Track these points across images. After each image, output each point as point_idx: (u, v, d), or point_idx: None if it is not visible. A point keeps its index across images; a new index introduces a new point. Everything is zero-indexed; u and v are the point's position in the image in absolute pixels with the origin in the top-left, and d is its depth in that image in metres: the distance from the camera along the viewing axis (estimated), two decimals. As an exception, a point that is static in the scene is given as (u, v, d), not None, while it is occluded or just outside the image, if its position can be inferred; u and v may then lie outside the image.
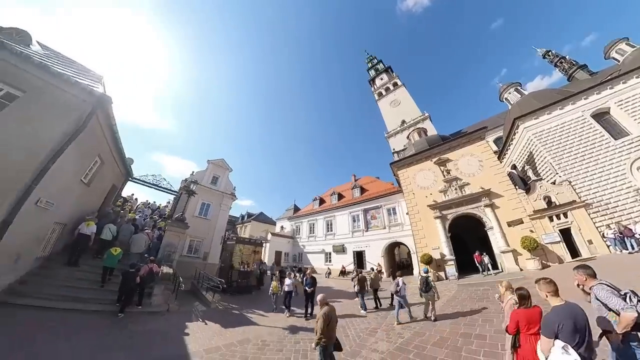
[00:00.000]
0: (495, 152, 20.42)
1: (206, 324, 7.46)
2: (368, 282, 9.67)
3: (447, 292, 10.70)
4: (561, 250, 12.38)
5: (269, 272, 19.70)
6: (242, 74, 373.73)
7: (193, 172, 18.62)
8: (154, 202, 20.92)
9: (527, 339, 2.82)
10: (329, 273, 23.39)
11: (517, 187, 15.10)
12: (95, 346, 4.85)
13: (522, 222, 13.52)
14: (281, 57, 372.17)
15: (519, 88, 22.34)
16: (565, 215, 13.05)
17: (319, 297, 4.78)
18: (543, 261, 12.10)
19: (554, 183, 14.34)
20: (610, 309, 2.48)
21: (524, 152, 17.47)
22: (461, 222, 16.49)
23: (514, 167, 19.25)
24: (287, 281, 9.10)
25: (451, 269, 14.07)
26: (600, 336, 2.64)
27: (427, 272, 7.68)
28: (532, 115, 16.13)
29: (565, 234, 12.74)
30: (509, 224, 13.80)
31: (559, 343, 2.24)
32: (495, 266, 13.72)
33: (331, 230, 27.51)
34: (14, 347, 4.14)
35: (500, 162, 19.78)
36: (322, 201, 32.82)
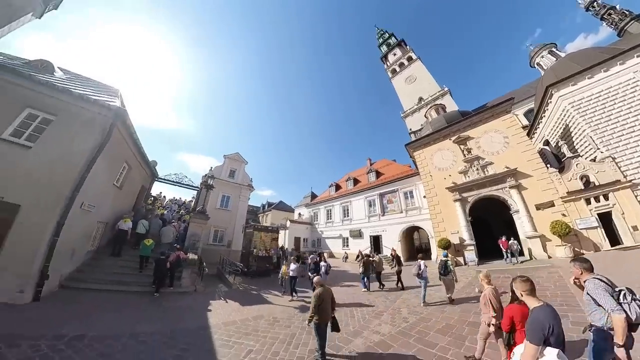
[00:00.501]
0: (524, 128, 18.50)
1: (227, 302, 8.32)
2: (373, 265, 10.35)
3: (463, 279, 10.14)
4: (598, 237, 11.11)
5: (288, 256, 20.31)
6: (249, 67, 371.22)
7: (211, 167, 18.96)
8: (180, 198, 23.16)
9: (523, 337, 2.44)
10: (346, 257, 23.41)
11: (548, 165, 13.60)
12: (136, 318, 5.95)
13: (553, 205, 12.21)
14: (287, 43, 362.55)
15: (555, 50, 19.66)
16: (606, 198, 11.52)
17: (314, 279, 5.16)
18: (576, 248, 10.97)
19: (593, 160, 12.62)
20: (599, 305, 2.40)
21: (559, 126, 15.54)
22: (484, 205, 15.40)
23: (547, 143, 17.35)
24: (292, 266, 9.24)
25: (470, 254, 13.32)
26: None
27: (446, 256, 7.75)
28: (568, 81, 14.08)
29: (605, 219, 11.33)
30: (538, 207, 12.55)
31: (551, 351, 1.90)
32: (521, 253, 12.73)
33: (347, 216, 27.42)
34: (76, 319, 5.42)
35: (530, 139, 17.97)
36: (338, 187, 32.59)
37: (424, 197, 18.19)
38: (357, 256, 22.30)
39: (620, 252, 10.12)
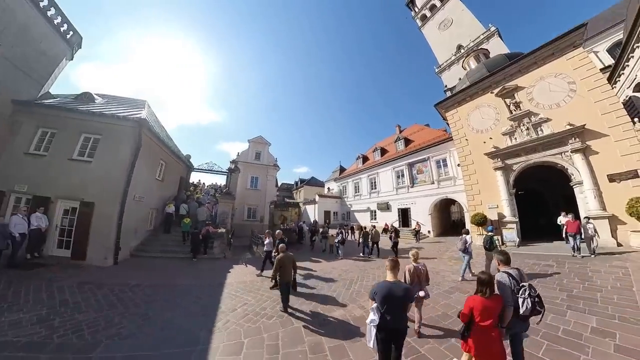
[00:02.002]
0: (603, 70, 13.88)
1: (246, 266, 9.80)
2: (370, 236, 12.07)
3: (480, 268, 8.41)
4: None
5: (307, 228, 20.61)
6: (270, 48, 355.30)
7: (238, 153, 22.22)
8: (216, 183, 26.53)
9: (483, 330, 2.47)
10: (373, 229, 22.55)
11: (636, 120, 9.97)
12: (176, 276, 8.02)
13: (637, 176, 8.94)
14: (305, 14, 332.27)
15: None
16: None
17: (279, 246, 6.04)
18: None
19: None
20: None
21: (660, 58, 11.12)
22: (535, 174, 12.47)
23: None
24: (266, 241, 8.82)
25: (511, 233, 11.09)
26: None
27: (492, 230, 7.71)
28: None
29: None
30: (612, 179, 9.38)
31: None
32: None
33: (375, 188, 26.07)
34: (138, 275, 7.68)
35: (613, 85, 13.47)
36: (365, 159, 30.89)
37: (458, 165, 15.58)
38: (384, 229, 21.39)
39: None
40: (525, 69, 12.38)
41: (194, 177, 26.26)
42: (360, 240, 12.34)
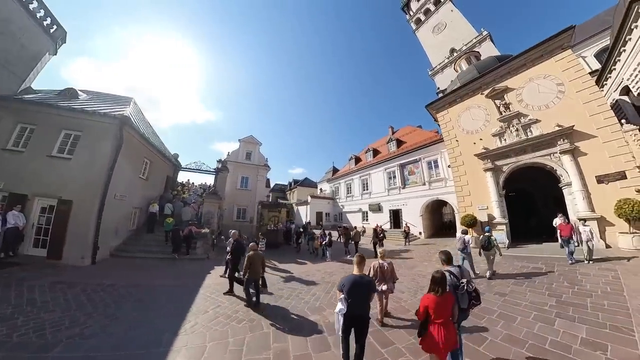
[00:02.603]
0: (591, 74, 14.00)
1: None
2: (352, 235, 12.62)
3: (482, 265, 8.29)
4: None
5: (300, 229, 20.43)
6: (267, 49, 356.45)
7: (229, 152, 21.79)
8: (205, 183, 25.48)
9: (435, 328, 2.55)
10: (364, 232, 22.36)
11: (624, 122, 10.02)
12: (155, 276, 7.85)
13: (624, 177, 8.93)
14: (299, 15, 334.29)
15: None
16: None
17: (250, 245, 6.04)
18: None
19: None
20: None
21: (647, 61, 11.22)
22: (524, 176, 12.46)
23: (627, 91, 12.91)
24: (231, 240, 8.54)
25: (500, 235, 10.96)
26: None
27: (489, 230, 7.68)
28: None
29: None
30: (600, 180, 9.39)
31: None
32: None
33: (367, 189, 25.95)
34: (114, 275, 7.47)
35: (601, 88, 13.59)
36: (357, 160, 30.84)
37: (449, 166, 15.56)
38: (374, 230, 21.38)
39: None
40: (515, 70, 12.42)
41: (184, 177, 26.10)
42: (342, 239, 12.77)
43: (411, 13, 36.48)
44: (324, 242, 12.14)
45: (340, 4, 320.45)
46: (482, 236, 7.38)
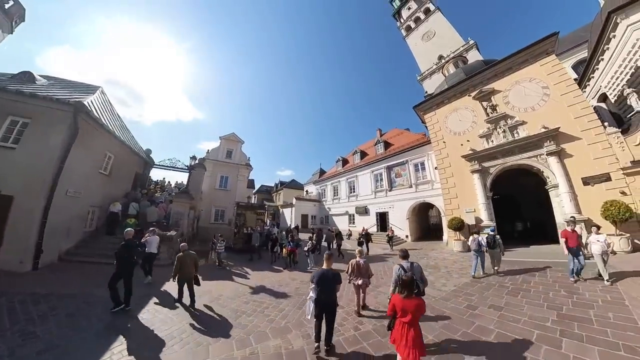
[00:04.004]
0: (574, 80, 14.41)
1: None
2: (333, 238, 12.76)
3: (470, 271, 7.87)
4: None
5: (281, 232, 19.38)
6: (254, 43, 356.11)
7: (208, 150, 20.77)
8: (182, 182, 24.20)
9: (400, 324, 2.78)
10: (350, 235, 21.86)
11: (606, 124, 10.11)
12: (104, 284, 6.01)
13: (609, 179, 8.97)
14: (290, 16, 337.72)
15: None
16: None
17: (181, 245, 6.06)
18: (637, 240, 8.00)
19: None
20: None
21: (624, 69, 11.44)
22: (512, 177, 12.37)
23: (604, 98, 13.28)
24: (148, 237, 8.07)
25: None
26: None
27: (493, 230, 8.20)
28: (646, 1, 9.93)
29: None
30: (586, 182, 9.38)
31: None
32: (551, 239, 9.95)
33: (353, 192, 25.50)
34: (56, 283, 6.53)
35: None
36: (345, 162, 30.38)
37: (436, 168, 15.35)
38: (360, 234, 20.86)
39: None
40: (501, 73, 12.43)
41: (160, 176, 24.36)
42: (314, 241, 11.89)
43: (402, 20, 37.14)
44: (306, 249, 10.60)
45: (333, 6, 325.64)
46: (487, 236, 7.73)
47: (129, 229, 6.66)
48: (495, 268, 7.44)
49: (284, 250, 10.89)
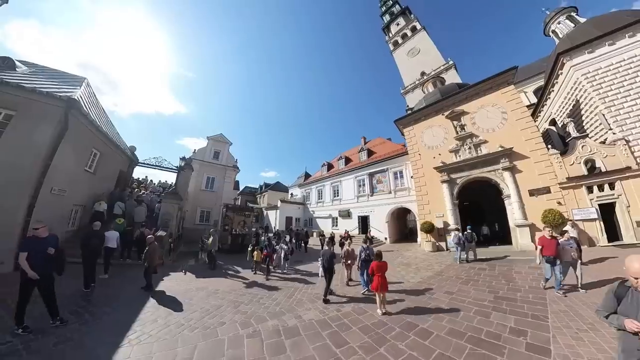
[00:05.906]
0: (529, 106, 16.66)
1: (185, 274, 9.09)
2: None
3: (435, 267, 9.30)
4: (595, 230, 9.94)
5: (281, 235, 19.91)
6: (244, 44, 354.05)
7: (195, 150, 20.44)
8: (166, 181, 24.31)
9: (377, 278, 5.08)
10: (332, 237, 22.97)
11: (550, 146, 12.10)
12: (103, 284, 7.03)
13: (549, 192, 10.91)
14: (280, 19, 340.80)
15: (575, 15, 17.04)
16: (612, 187, 10.05)
17: (147, 238, 7.27)
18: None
19: (603, 142, 10.98)
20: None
21: (568, 101, 13.73)
22: (478, 188, 14.14)
23: (554, 122, 15.58)
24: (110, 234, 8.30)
25: (453, 239, 12.30)
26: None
27: (471, 228, 10.26)
28: (584, 47, 12.07)
29: (606, 211, 10.03)
30: (531, 193, 11.26)
31: None
32: (505, 240, 11.71)
33: (337, 196, 26.68)
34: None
35: (535, 119, 16.28)
36: (330, 167, 31.58)
37: (412, 177, 16.97)
38: (341, 236, 22.05)
39: (616, 250, 8.94)
40: (471, 97, 14.27)
41: (141, 173, 23.86)
42: (294, 240, 14.00)
43: (390, 35, 39.69)
44: (283, 255, 9.95)
45: (328, 9, 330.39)
46: (466, 232, 9.96)
47: (97, 222, 7.27)
48: (472, 257, 9.68)
49: (255, 253, 9.46)
